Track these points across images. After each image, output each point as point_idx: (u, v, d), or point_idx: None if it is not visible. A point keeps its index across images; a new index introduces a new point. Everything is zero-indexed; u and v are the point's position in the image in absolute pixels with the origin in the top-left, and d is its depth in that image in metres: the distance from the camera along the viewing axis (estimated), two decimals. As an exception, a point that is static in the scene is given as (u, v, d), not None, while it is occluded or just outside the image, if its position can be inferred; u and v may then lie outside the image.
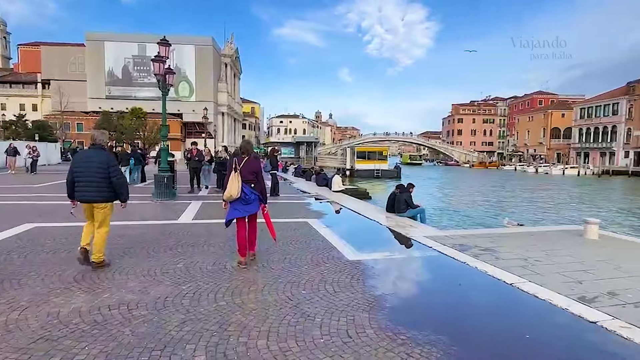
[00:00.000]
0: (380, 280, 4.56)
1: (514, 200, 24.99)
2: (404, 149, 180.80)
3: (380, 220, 8.69)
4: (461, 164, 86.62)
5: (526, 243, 6.55)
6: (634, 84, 59.62)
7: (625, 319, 3.50)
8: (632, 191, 33.17)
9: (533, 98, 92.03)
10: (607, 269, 5.11)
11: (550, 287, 4.32)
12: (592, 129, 65.89)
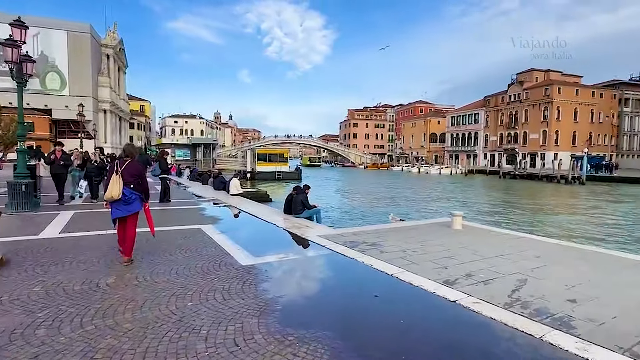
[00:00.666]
0: (273, 283, 4.56)
1: (399, 197, 27.74)
2: (304, 151, 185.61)
3: (277, 222, 8.73)
4: (357, 165, 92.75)
5: (406, 236, 7.31)
6: (489, 98, 71.89)
7: (477, 296, 4.15)
8: (488, 187, 39.85)
9: (415, 106, 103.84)
10: (467, 254, 5.99)
11: (423, 274, 4.88)
12: (460, 134, 77.39)
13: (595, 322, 3.52)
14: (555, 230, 15.57)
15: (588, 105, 60.06)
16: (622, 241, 13.43)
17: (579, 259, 5.92)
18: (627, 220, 18.18)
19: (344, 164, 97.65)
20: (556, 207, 23.50)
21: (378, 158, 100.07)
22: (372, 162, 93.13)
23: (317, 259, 5.84)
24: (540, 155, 59.22)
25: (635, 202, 25.85)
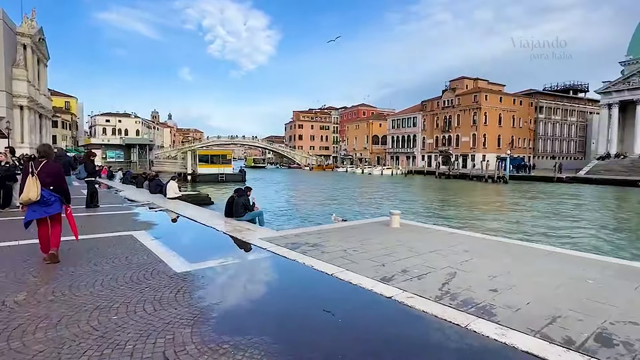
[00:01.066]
0: (210, 290, 4.37)
1: (343, 197, 28.36)
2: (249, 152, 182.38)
3: (218, 226, 8.43)
4: (302, 166, 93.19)
5: (347, 236, 7.46)
6: (425, 103, 76.36)
7: (411, 291, 4.34)
8: (425, 187, 42.30)
9: (359, 109, 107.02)
10: (403, 251, 6.26)
11: (362, 272, 5.00)
12: (400, 137, 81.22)
13: (512, 309, 3.86)
14: (483, 225, 16.93)
15: (510, 112, 66.36)
16: (535, 233, 14.98)
17: (502, 251, 6.48)
18: (540, 214, 20.33)
19: (290, 166, 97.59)
20: (484, 204, 25.59)
21: (323, 159, 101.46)
22: (317, 163, 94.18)
23: (258, 262, 5.73)
24: (471, 157, 64.21)
25: (548, 198, 29.05)
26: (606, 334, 3.32)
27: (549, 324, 3.52)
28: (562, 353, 2.99)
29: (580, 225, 17.14)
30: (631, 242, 13.70)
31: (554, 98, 73.27)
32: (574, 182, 43.71)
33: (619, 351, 3.03)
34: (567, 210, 22.27)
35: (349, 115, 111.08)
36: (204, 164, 43.51)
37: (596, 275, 5.11)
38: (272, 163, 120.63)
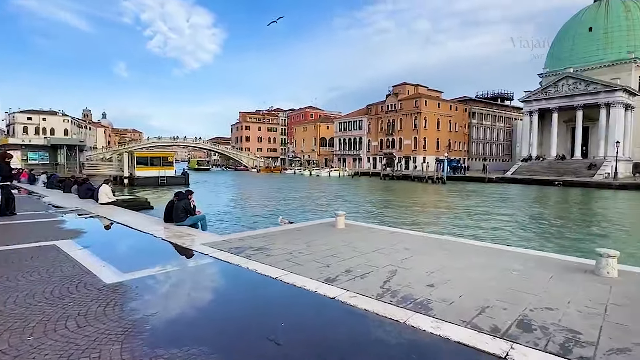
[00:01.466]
0: (144, 301, 4.09)
1: (291, 199, 28.31)
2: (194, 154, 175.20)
3: (156, 232, 7.95)
4: (250, 169, 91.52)
5: (293, 238, 7.43)
6: (370, 107, 78.95)
7: (354, 290, 4.42)
8: (371, 188, 43.69)
9: (306, 111, 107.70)
10: (348, 251, 6.38)
11: (306, 274, 5.00)
12: (347, 139, 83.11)
13: (447, 302, 4.09)
14: (423, 223, 17.86)
15: (447, 117, 70.93)
16: (468, 229, 16.14)
17: (438, 248, 6.85)
18: (473, 212, 21.94)
19: (237, 168, 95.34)
20: (424, 204, 27.03)
21: (271, 161, 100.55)
22: (265, 165, 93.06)
23: (199, 269, 5.49)
24: (413, 159, 67.55)
25: (479, 196, 31.46)
26: (526, 321, 3.65)
27: (478, 314, 3.78)
28: (489, 341, 3.22)
29: (506, 221, 18.77)
30: (549, 236, 15.27)
31: (485, 105, 79.66)
32: (502, 182, 47.83)
33: (537, 335, 3.34)
34: (496, 207, 24.28)
35: (296, 117, 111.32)
36: (142, 167, 40.89)
37: (519, 267, 5.60)
38: (217, 165, 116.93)
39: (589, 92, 51.53)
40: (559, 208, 25.37)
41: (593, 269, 5.34)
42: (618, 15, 56.87)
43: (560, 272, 5.33)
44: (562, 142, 56.62)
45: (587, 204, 27.25)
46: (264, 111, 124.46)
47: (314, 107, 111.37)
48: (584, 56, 58.24)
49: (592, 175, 45.14)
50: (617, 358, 2.98)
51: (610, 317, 3.79)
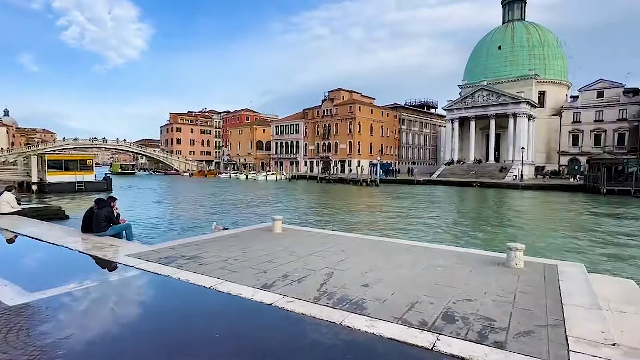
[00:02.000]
0: (57, 322, 3.65)
1: (226, 205, 27.45)
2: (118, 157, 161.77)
3: (72, 244, 7.16)
4: (181, 173, 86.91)
5: (228, 244, 7.20)
6: (307, 111, 79.85)
7: (291, 295, 4.42)
8: (308, 191, 44.12)
9: (242, 114, 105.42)
10: (285, 256, 6.35)
11: (242, 281, 4.88)
12: (284, 143, 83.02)
13: (380, 301, 4.27)
14: (358, 225, 18.48)
15: (379, 122, 74.47)
16: (399, 229, 17.09)
17: (372, 248, 7.14)
18: (403, 213, 23.28)
19: (167, 172, 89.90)
20: (359, 206, 28.00)
21: (205, 165, 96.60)
22: (198, 169, 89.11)
23: (123, 282, 5.05)
24: (348, 162, 69.68)
25: (409, 198, 33.49)
26: (450, 313, 3.95)
27: (408, 310, 4.01)
28: (418, 334, 3.43)
29: (432, 220, 20.23)
30: (468, 233, 16.77)
31: (413, 112, 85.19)
32: (429, 184, 51.48)
33: (459, 325, 3.64)
34: (423, 208, 26.04)
35: (232, 119, 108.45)
36: (55, 171, 36.54)
37: (444, 262, 6.06)
38: (145, 169, 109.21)
39: (500, 103, 57.86)
40: (476, 207, 28.00)
41: (504, 261, 5.98)
42: (521, 37, 64.78)
43: (478, 266, 5.87)
44: (478, 147, 62.69)
45: (499, 203, 30.44)
46: (196, 112, 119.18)
47: (250, 109, 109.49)
48: (495, 71, 65.29)
49: (503, 177, 50.64)
50: (524, 340, 3.36)
51: (519, 303, 4.27)
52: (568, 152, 58.61)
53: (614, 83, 55.85)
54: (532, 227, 18.67)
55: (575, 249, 13.41)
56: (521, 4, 68.89)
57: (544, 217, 23.34)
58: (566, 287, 4.87)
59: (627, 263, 11.42)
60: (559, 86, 64.05)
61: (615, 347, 3.24)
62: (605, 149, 53.62)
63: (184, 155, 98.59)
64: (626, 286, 5.57)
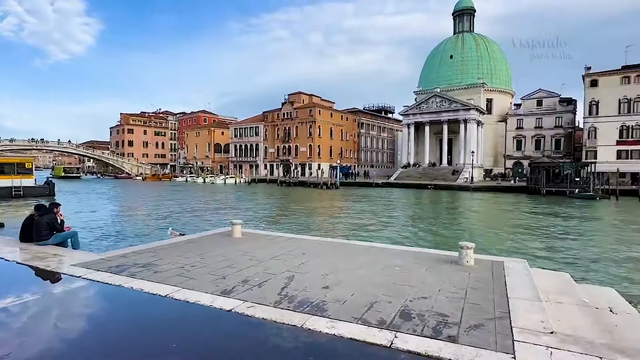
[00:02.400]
0: (-9, 341, 3.34)
1: (183, 209, 26.48)
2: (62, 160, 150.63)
3: (8, 254, 6.56)
4: (133, 176, 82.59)
5: (186, 251, 6.96)
6: (267, 113, 79.19)
7: (252, 300, 4.36)
8: (268, 195, 43.72)
9: (199, 116, 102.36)
10: (245, 261, 6.26)
11: (201, 288, 4.74)
12: (243, 146, 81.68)
13: (340, 302, 4.34)
14: (318, 227, 18.62)
15: (339, 126, 75.56)
16: (358, 230, 17.44)
17: (333, 250, 7.23)
18: (362, 215, 23.79)
19: (117, 175, 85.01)
20: (319, 209, 28.19)
21: (159, 168, 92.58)
22: (152, 172, 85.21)
23: (69, 294, 4.72)
24: (308, 166, 69.94)
25: (368, 200, 34.27)
26: (407, 311, 4.11)
27: (367, 310, 4.11)
28: (377, 333, 3.53)
29: (390, 221, 20.85)
30: (424, 233, 17.48)
31: (371, 117, 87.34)
32: (387, 187, 53.00)
33: (415, 322, 3.79)
34: (381, 210, 26.76)
35: (188, 121, 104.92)
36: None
37: (401, 262, 6.28)
38: (93, 172, 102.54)
39: (452, 109, 60.96)
40: (431, 209, 29.24)
41: (457, 259, 6.31)
42: (470, 47, 68.80)
43: (432, 265, 6.15)
44: (433, 151, 65.53)
45: (452, 204, 32.01)
46: (150, 113, 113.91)
47: (208, 111, 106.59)
48: (448, 79, 68.75)
49: (456, 180, 53.32)
50: (474, 333, 3.57)
51: (469, 299, 4.53)
52: (513, 156, 62.91)
53: (551, 93, 60.88)
54: (481, 227, 19.83)
55: (518, 246, 14.42)
56: (470, 16, 73.23)
57: (492, 217, 24.89)
58: (511, 281, 5.24)
59: (563, 257, 12.47)
60: (504, 94, 68.70)
61: (553, 335, 3.54)
62: (544, 153, 58.25)
63: (136, 158, 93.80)
64: (562, 279, 6.10)
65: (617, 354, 3.21)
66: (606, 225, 20.82)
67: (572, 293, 5.36)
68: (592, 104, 51.68)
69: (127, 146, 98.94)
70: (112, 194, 42.51)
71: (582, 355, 3.17)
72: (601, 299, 5.40)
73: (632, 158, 48.84)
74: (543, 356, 3.14)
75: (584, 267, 11.29)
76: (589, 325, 4.24)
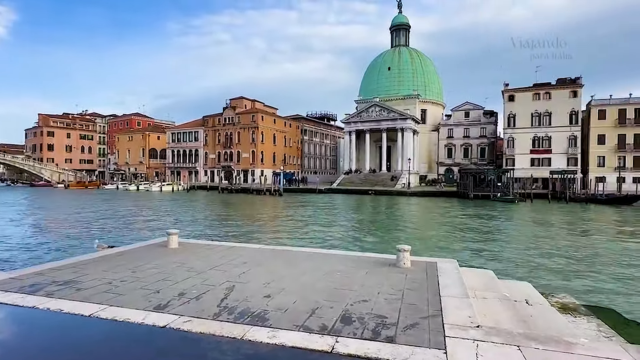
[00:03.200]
0: None
1: (113, 220, 24.46)
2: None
3: None
4: (54, 184, 74.58)
5: (115, 265, 6.42)
6: (207, 118, 76.53)
7: (188, 314, 4.15)
8: (209, 202, 42.15)
9: (132, 119, 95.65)
10: (181, 273, 5.94)
11: (131, 304, 4.40)
12: (182, 151, 77.96)
13: (282, 310, 4.29)
14: (261, 235, 18.32)
15: (282, 132, 75.46)
16: (302, 237, 17.51)
17: (275, 258, 7.15)
18: (305, 221, 23.90)
19: (34, 183, 76.20)
20: (262, 216, 27.80)
21: (85, 175, 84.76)
22: (77, 179, 77.75)
23: (-31, 320, 4.09)
24: (251, 172, 68.75)
25: (311, 206, 34.57)
26: (348, 315, 4.19)
27: (309, 316, 4.12)
28: (319, 339, 3.55)
29: (333, 226, 21.22)
30: (365, 237, 18.04)
31: (315, 124, 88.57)
32: (330, 193, 53.93)
33: (355, 326, 3.87)
34: (324, 215, 27.14)
35: (120, 124, 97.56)
36: None
37: (342, 267, 6.40)
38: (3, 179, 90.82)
39: (390, 118, 64.06)
40: (371, 213, 30.31)
41: (395, 262, 6.59)
42: (406, 61, 73.13)
43: (373, 268, 6.35)
44: (373, 158, 68.15)
45: (391, 209, 33.48)
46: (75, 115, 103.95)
47: (142, 114, 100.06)
48: (386, 89, 72.23)
49: (394, 185, 55.93)
50: (410, 332, 3.75)
51: (406, 299, 4.75)
52: (444, 163, 67.67)
53: (476, 105, 66.72)
54: (417, 230, 20.98)
55: (450, 246, 15.50)
56: (406, 32, 77.91)
57: (427, 220, 26.47)
58: (443, 281, 5.60)
59: (488, 255, 13.66)
60: (437, 106, 73.86)
61: (479, 328, 3.84)
62: (472, 160, 63.55)
63: (56, 164, 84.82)
64: (487, 276, 6.66)
65: (531, 341, 3.57)
66: (522, 225, 23.22)
67: (495, 288, 5.88)
68: (510, 116, 57.60)
69: (47, 150, 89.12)
70: (25, 204, 37.87)
71: (503, 345, 3.48)
72: (519, 293, 6.00)
73: (542, 165, 55.18)
74: (470, 349, 3.38)
75: (505, 263, 12.45)
76: (509, 317, 4.68)
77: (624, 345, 3.81)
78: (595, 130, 53.03)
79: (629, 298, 8.85)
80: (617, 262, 12.63)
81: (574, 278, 10.68)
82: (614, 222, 25.35)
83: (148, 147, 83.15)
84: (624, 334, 5.25)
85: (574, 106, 54.30)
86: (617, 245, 15.99)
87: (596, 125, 52.97)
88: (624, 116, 51.91)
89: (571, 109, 54.38)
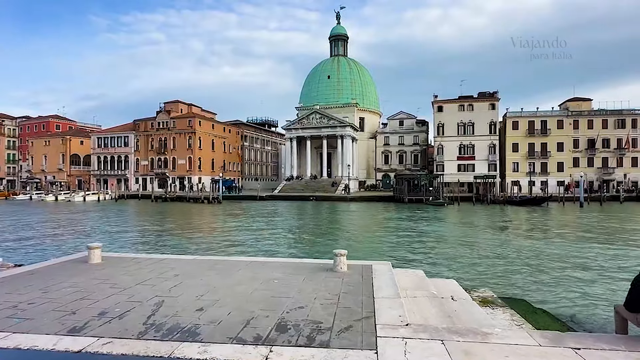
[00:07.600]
0: None
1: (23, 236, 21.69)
2: None
3: None
4: (-51, 195, 64.33)
5: (22, 285, 5.69)
6: (138, 122, 71.66)
7: (109, 335, 3.80)
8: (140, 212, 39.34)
9: (50, 122, 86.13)
10: (103, 290, 5.44)
11: (39, 330, 3.92)
12: (109, 157, 71.95)
13: (215, 323, 4.13)
14: (196, 246, 17.51)
15: (221, 138, 73.23)
16: (240, 246, 17.09)
17: (210, 269, 6.87)
18: (244, 229, 23.39)
19: None
20: (199, 226, 26.62)
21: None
22: (-21, 189, 67.86)
23: None
24: (188, 179, 65.56)
25: (251, 215, 33.92)
26: (283, 323, 4.15)
27: (244, 327, 4.01)
28: (252, 350, 3.46)
29: (272, 234, 21.02)
30: (304, 243, 18.12)
31: (255, 129, 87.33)
32: (271, 199, 53.39)
33: (291, 333, 3.85)
34: (264, 223, 26.78)
35: (34, 127, 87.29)
36: None
37: (280, 275, 6.35)
38: None
39: (330, 125, 65.47)
40: (312, 219, 30.56)
41: (332, 266, 6.70)
42: (345, 70, 75.55)
43: (310, 274, 6.39)
44: (314, 164, 68.97)
45: (331, 214, 34.08)
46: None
47: (62, 116, 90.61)
48: (326, 97, 73.81)
49: (335, 191, 57.06)
50: (344, 335, 3.82)
51: (342, 303, 4.84)
52: (382, 169, 70.72)
53: (410, 115, 70.93)
54: (355, 233, 21.59)
55: (385, 248, 16.18)
56: (344, 42, 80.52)
57: (365, 224, 27.38)
58: (377, 283, 5.81)
59: (420, 255, 14.49)
60: (374, 114, 77.14)
61: (408, 326, 4.04)
62: (406, 166, 67.25)
63: (-47, 172, 73.32)
64: (418, 276, 7.05)
65: (454, 334, 3.84)
66: (451, 226, 25.06)
67: (424, 287, 6.24)
68: (439, 125, 62.16)
69: (-61, 156, 76.68)
70: None
71: (429, 340, 3.69)
72: (445, 290, 6.43)
73: (467, 171, 60.26)
74: (399, 346, 3.54)
75: (435, 262, 13.31)
76: (435, 314, 4.99)
77: (530, 332, 4.26)
78: (510, 139, 59.44)
79: (539, 288, 9.94)
80: (527, 257, 14.15)
81: (494, 273, 11.75)
82: (526, 221, 28.45)
83: (69, 152, 75.45)
84: (532, 321, 5.89)
85: (493, 117, 60.34)
86: (527, 242, 17.94)
87: (511, 134, 59.42)
88: (533, 127, 58.93)
89: (490, 120, 60.33)
